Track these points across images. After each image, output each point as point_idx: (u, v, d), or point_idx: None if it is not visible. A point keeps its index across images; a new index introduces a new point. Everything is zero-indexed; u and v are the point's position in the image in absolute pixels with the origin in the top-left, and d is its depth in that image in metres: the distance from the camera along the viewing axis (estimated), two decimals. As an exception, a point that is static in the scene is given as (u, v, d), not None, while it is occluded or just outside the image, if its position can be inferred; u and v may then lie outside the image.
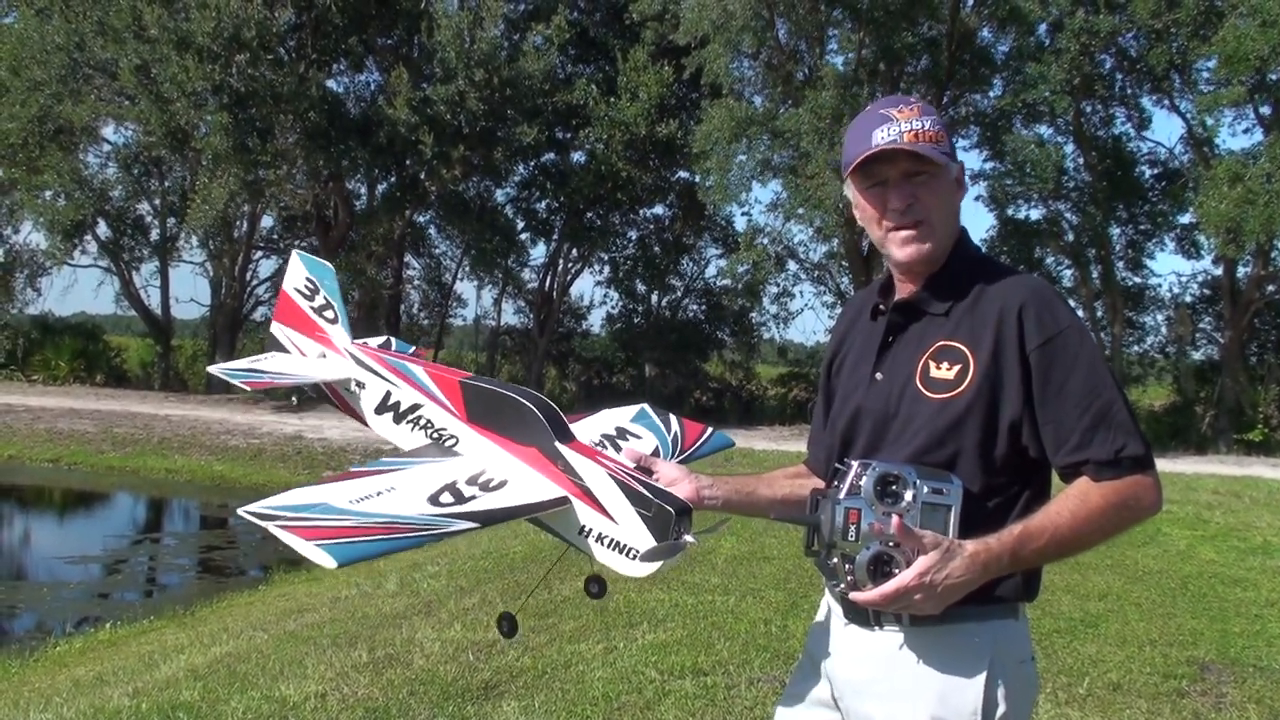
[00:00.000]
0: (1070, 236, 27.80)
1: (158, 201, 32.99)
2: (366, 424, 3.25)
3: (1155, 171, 27.83)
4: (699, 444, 3.35)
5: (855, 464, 2.33)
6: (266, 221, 35.18)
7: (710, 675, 6.07)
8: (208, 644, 8.28)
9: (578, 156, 30.80)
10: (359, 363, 3.31)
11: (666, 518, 2.53)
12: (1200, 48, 23.08)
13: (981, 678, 2.35)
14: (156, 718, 5.46)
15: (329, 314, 3.50)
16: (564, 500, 2.69)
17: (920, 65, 26.56)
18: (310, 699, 5.66)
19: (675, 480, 2.69)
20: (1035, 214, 28.02)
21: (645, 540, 2.55)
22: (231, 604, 11.39)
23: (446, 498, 2.63)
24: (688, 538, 2.52)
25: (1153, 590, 9.32)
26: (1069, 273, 28.95)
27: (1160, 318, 29.66)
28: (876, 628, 2.44)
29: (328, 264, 3.64)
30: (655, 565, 2.55)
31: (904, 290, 2.55)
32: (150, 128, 26.22)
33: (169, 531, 18.35)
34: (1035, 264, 28.42)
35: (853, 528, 2.24)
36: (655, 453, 3.16)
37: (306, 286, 3.56)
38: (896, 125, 2.42)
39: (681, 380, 33.46)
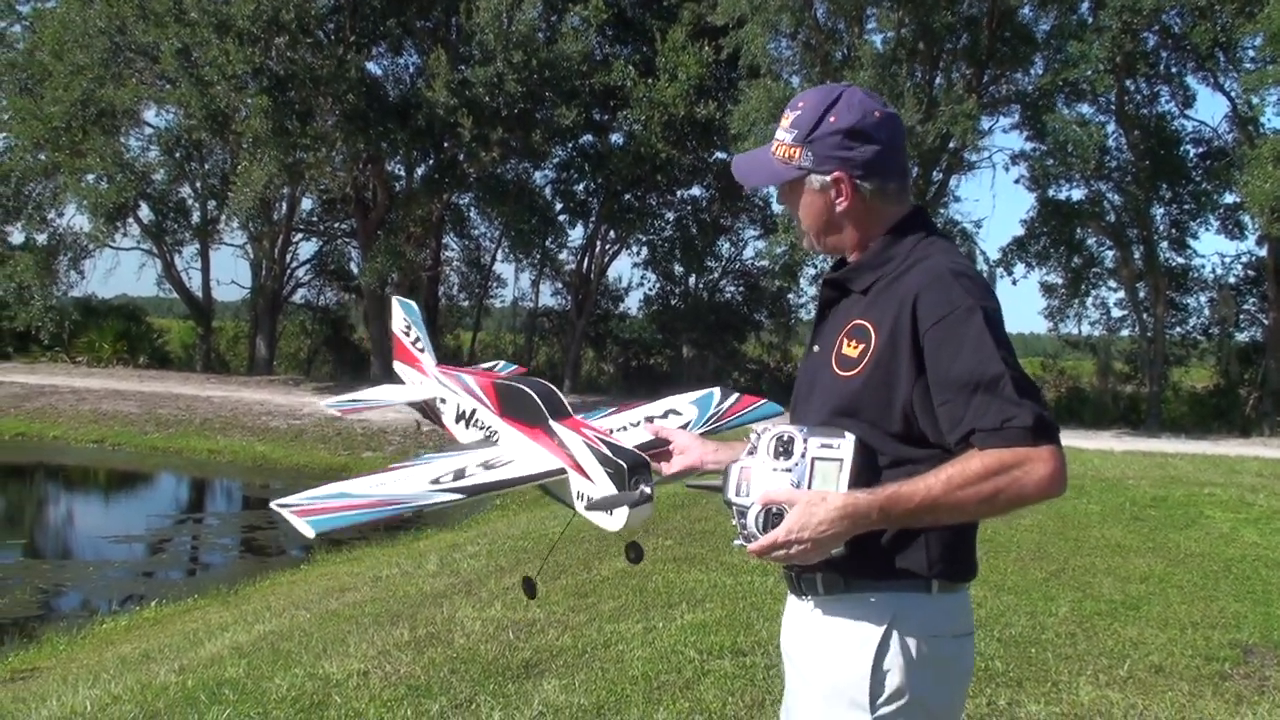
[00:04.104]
0: (1112, 217, 27.46)
1: (199, 184, 33.25)
2: (452, 434, 3.85)
3: (1199, 150, 27.37)
4: (741, 414, 3.74)
5: (758, 428, 2.45)
6: (306, 204, 35.49)
7: (749, 655, 6.08)
8: (251, 622, 8.38)
9: (616, 138, 30.78)
10: (440, 383, 3.98)
11: (620, 470, 2.96)
12: (1245, 25, 22.72)
13: (873, 646, 2.36)
14: (202, 694, 5.54)
15: (419, 344, 4.21)
16: (561, 471, 3.15)
17: (960, 44, 26.27)
18: (353, 677, 5.72)
19: (686, 447, 2.89)
20: (1077, 194, 27.76)
21: (610, 491, 2.97)
22: (274, 583, 11.51)
23: (447, 478, 3.09)
24: (645, 488, 2.92)
25: (1195, 573, 9.25)
26: (1110, 253, 28.67)
27: (1204, 299, 29.31)
28: (804, 596, 2.51)
29: (413, 302, 4.42)
30: (623, 514, 2.94)
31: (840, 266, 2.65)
32: (191, 111, 26.37)
33: (211, 511, 18.57)
34: (1076, 245, 28.11)
35: (745, 484, 2.38)
36: (685, 426, 3.53)
37: (404, 325, 4.30)
38: (778, 130, 2.55)
39: (719, 361, 33.44)
